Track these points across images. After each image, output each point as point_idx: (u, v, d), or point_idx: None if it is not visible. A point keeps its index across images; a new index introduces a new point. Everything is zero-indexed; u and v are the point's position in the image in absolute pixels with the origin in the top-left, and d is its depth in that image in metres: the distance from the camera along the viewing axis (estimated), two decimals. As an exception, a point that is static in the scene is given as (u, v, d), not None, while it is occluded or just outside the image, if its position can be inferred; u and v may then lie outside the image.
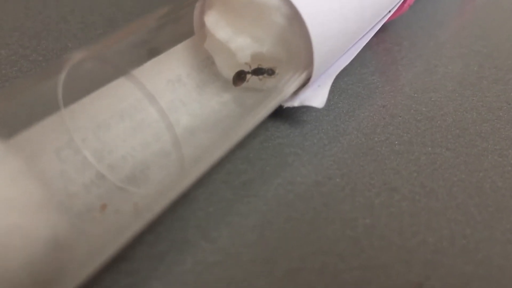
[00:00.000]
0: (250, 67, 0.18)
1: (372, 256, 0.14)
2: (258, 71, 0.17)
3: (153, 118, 0.16)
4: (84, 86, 0.15)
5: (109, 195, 0.15)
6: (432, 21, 0.26)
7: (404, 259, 0.14)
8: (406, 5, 0.22)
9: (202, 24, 0.18)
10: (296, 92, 0.18)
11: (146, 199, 0.14)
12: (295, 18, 0.16)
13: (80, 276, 0.12)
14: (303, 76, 0.17)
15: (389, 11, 0.21)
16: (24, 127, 0.14)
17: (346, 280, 0.14)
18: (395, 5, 0.21)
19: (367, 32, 0.20)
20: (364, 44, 0.19)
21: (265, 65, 0.17)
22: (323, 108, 0.19)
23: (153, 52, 0.17)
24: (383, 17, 0.21)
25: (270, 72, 0.17)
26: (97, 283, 0.13)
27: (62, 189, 0.14)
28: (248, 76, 0.18)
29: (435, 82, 0.21)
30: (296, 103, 0.18)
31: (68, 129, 0.15)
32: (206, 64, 0.19)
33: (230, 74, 0.18)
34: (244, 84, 0.18)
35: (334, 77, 0.18)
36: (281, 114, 0.19)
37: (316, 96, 0.18)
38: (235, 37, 0.17)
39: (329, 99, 0.18)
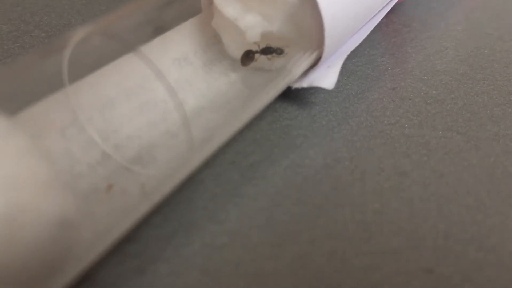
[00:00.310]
0: (258, 46, 0.17)
1: (381, 242, 0.14)
2: (267, 50, 0.17)
3: (160, 98, 0.16)
4: (90, 62, 0.15)
5: (115, 175, 0.14)
6: (443, 2, 0.25)
7: (414, 245, 0.14)
8: (417, -15, 0.22)
9: (210, 1, 0.18)
10: (305, 73, 0.17)
11: (153, 180, 0.14)
12: (307, -4, 0.16)
13: (87, 257, 0.11)
14: (313, 57, 0.17)
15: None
16: (28, 104, 0.13)
17: (355, 265, 0.14)
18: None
19: (378, 12, 0.19)
20: (375, 24, 0.19)
21: (273, 45, 0.17)
22: (331, 90, 0.19)
23: (159, 29, 0.17)
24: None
25: (279, 51, 0.17)
26: (103, 265, 0.13)
27: (67, 169, 0.14)
28: (257, 55, 0.17)
29: (445, 65, 0.21)
30: (305, 84, 0.17)
31: (73, 107, 0.14)
32: (213, 42, 0.18)
33: (237, 53, 0.18)
34: (252, 64, 0.17)
35: (344, 58, 0.17)
36: (289, 95, 0.18)
37: (326, 77, 0.17)
38: (244, 15, 0.16)
39: (338, 81, 0.18)
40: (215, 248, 0.14)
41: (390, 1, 0.20)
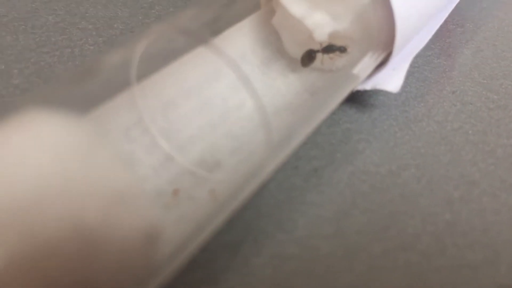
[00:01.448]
0: (321, 45, 0.16)
1: (456, 255, 0.14)
2: (329, 49, 0.16)
3: (221, 97, 0.15)
4: (156, 61, 0.14)
5: (180, 179, 0.14)
6: (494, 1, 0.25)
7: (491, 259, 0.14)
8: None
9: (270, -3, 0.17)
10: (369, 75, 0.17)
11: (223, 186, 0.13)
12: (379, -5, 0.15)
13: (165, 272, 0.11)
14: (379, 58, 0.16)
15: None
16: (96, 104, 0.13)
17: (431, 280, 0.13)
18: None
19: (441, 12, 0.19)
20: (440, 24, 0.18)
21: (338, 43, 0.16)
22: (390, 93, 0.18)
23: (218, 28, 0.16)
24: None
25: (343, 49, 0.16)
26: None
27: (131, 172, 0.13)
28: (319, 55, 0.16)
29: (504, 68, 0.20)
30: (368, 86, 0.17)
31: (138, 108, 0.14)
32: (270, 40, 0.18)
33: (297, 52, 0.17)
34: (312, 64, 0.17)
35: (410, 60, 0.17)
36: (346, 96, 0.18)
37: (391, 79, 0.17)
38: (311, 13, 0.16)
39: (398, 83, 0.17)
40: (284, 259, 0.13)
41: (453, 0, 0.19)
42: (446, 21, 0.23)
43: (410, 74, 0.19)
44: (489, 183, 0.16)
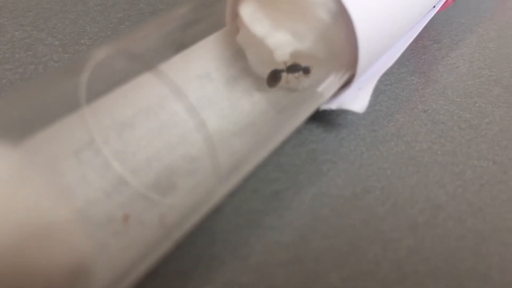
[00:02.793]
0: (285, 64, 0.16)
1: (416, 283, 0.13)
2: (293, 68, 0.16)
3: (180, 117, 0.15)
4: (107, 82, 0.14)
5: (132, 203, 0.13)
6: (473, 16, 0.24)
7: (452, 288, 0.13)
8: (450, 0, 0.21)
9: (235, 15, 0.17)
10: (334, 94, 0.16)
11: (173, 211, 0.13)
12: (341, 14, 0.14)
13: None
14: (344, 77, 0.16)
15: (434, 6, 0.19)
16: (41, 128, 0.12)
17: (389, 310, 0.13)
18: (440, 0, 0.20)
19: (411, 30, 0.18)
20: (408, 43, 0.18)
21: (302, 64, 0.16)
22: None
23: (181, 45, 0.16)
24: (428, 13, 0.19)
25: (306, 70, 0.16)
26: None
27: (81, 195, 0.13)
28: (284, 75, 0.16)
29: (478, 86, 0.20)
30: (334, 106, 0.16)
31: (89, 128, 0.13)
32: (236, 58, 0.17)
33: (262, 70, 0.17)
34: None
35: (376, 80, 0.16)
36: (315, 116, 0.17)
37: (357, 99, 0.16)
38: (273, 32, 0.15)
39: (367, 102, 0.17)
40: (239, 287, 0.13)
41: (423, 18, 0.19)
42: (422, 37, 0.22)
43: (381, 92, 0.19)
44: (456, 207, 0.15)
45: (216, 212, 0.14)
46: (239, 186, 0.15)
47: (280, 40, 0.15)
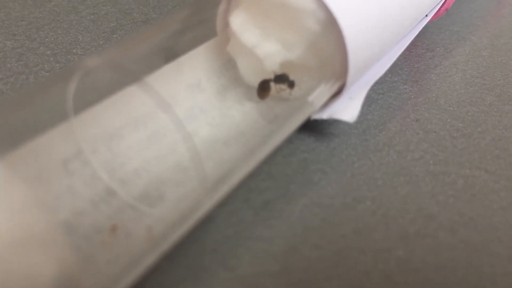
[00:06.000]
0: (274, 74, 0.16)
1: (406, 294, 0.13)
2: (281, 79, 0.16)
3: (169, 128, 0.15)
4: (95, 93, 0.14)
5: (120, 214, 0.13)
6: (467, 25, 0.24)
7: (442, 299, 0.13)
8: (443, 9, 0.21)
9: (226, 25, 0.17)
10: (325, 103, 0.16)
11: (161, 222, 0.13)
12: (330, 24, 0.14)
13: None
14: (334, 87, 0.16)
15: (426, 15, 0.19)
16: (29, 138, 0.12)
17: (378, 322, 0.13)
18: (433, 9, 0.20)
19: (402, 39, 0.18)
20: (400, 53, 0.18)
21: (293, 73, 0.16)
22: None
23: (172, 54, 0.16)
24: (420, 22, 0.19)
25: (291, 84, 0.16)
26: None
27: (68, 206, 0.13)
28: (272, 85, 0.16)
29: (471, 95, 0.20)
30: (325, 115, 0.16)
31: (77, 138, 0.13)
32: (227, 67, 0.17)
33: (253, 80, 0.17)
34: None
35: (367, 89, 0.16)
36: (306, 125, 0.17)
37: (347, 109, 0.16)
38: (263, 42, 0.15)
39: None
40: (226, 299, 0.13)
41: (415, 27, 0.19)
42: (415, 46, 0.22)
43: (373, 101, 0.19)
44: (447, 217, 0.15)
45: (206, 222, 0.14)
46: (229, 196, 0.15)
47: (270, 50, 0.15)
